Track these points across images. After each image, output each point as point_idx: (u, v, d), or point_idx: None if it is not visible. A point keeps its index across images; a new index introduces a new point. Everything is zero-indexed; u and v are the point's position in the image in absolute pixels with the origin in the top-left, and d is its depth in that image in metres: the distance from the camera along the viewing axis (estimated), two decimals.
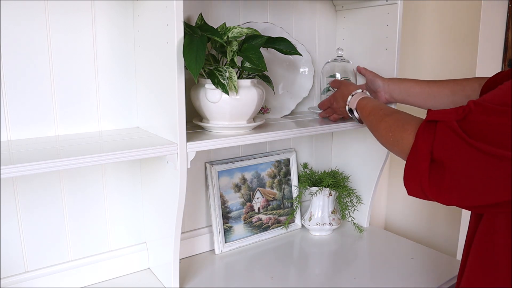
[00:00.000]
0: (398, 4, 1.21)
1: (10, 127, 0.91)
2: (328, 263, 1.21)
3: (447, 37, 1.43)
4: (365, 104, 0.98)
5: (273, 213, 1.36)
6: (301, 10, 1.34)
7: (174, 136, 0.89)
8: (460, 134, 0.62)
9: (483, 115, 0.61)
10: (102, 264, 1.08)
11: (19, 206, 0.95)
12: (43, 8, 0.91)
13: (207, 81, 0.94)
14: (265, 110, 1.23)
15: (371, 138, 1.36)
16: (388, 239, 1.37)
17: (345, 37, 1.41)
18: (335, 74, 1.27)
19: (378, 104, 0.94)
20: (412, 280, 1.10)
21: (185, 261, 1.19)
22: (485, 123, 0.61)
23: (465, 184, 0.62)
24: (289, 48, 1.04)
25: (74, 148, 0.84)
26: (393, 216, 1.72)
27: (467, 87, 1.02)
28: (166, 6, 0.83)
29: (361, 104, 0.99)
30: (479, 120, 0.61)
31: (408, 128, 0.72)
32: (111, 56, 1.01)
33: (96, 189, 1.05)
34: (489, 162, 0.60)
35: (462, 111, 0.64)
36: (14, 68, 0.89)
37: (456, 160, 0.62)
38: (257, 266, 1.17)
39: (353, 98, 1.03)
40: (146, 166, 1.06)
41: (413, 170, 0.69)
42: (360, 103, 1.00)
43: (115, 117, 1.04)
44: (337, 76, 1.27)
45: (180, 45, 0.83)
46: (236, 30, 0.99)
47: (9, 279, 0.96)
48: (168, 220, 0.98)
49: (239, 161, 1.29)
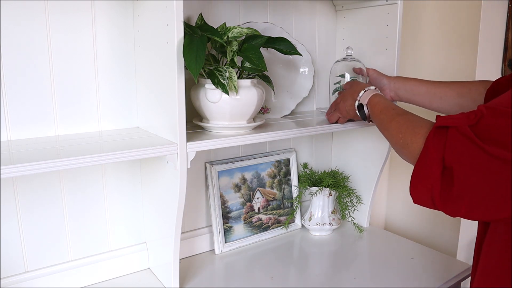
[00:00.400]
0: (398, 4, 1.21)
1: (10, 127, 0.91)
2: (328, 263, 1.21)
3: (447, 37, 1.43)
4: (377, 101, 0.95)
5: (273, 213, 1.36)
6: (301, 10, 1.34)
7: (174, 136, 0.89)
8: (473, 139, 0.60)
9: (494, 118, 0.60)
10: (102, 264, 1.08)
11: (19, 206, 0.95)
12: (43, 8, 0.91)
13: (207, 81, 0.94)
14: (265, 110, 1.23)
15: (371, 138, 1.36)
16: (388, 239, 1.37)
17: (345, 37, 1.41)
18: (344, 74, 1.24)
19: (390, 103, 0.92)
20: (412, 280, 1.10)
21: (185, 261, 1.19)
22: (497, 126, 0.59)
23: (476, 193, 0.60)
24: (289, 48, 1.04)
25: (74, 148, 0.84)
26: (393, 216, 1.71)
27: (473, 90, 1.01)
28: (166, 6, 0.83)
29: (374, 100, 0.97)
30: (491, 124, 0.60)
31: (419, 132, 0.70)
32: (111, 56, 1.01)
33: (96, 189, 1.05)
34: (502, 168, 0.58)
35: (474, 116, 0.62)
36: (14, 68, 0.89)
37: (468, 167, 0.60)
38: (257, 266, 1.17)
39: (365, 93, 1.00)
40: (146, 166, 1.06)
41: (423, 177, 0.67)
42: (373, 100, 0.97)
43: (115, 117, 1.04)
44: (346, 76, 1.24)
45: (180, 45, 0.83)
46: (236, 30, 0.99)
47: (9, 279, 0.96)
48: (168, 220, 0.98)
49: (239, 161, 1.29)
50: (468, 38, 1.38)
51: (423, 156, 0.67)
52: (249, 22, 1.20)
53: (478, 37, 1.35)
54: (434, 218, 1.55)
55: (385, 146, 1.31)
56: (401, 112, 0.84)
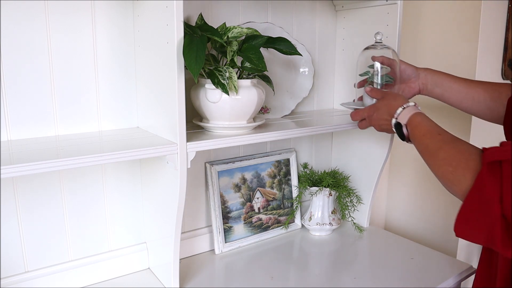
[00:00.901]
0: (398, 4, 1.21)
1: (10, 127, 0.91)
2: (328, 263, 1.21)
3: (447, 37, 1.43)
4: (419, 122, 0.86)
5: (273, 213, 1.36)
6: (301, 10, 1.34)
7: (174, 136, 0.89)
8: None
9: None
10: (102, 264, 1.08)
11: (19, 206, 0.95)
12: (43, 8, 0.91)
13: (207, 81, 0.94)
14: (265, 110, 1.23)
15: (371, 138, 1.36)
16: (388, 239, 1.37)
17: (345, 37, 1.41)
18: (373, 65, 1.09)
19: (434, 125, 0.83)
20: (412, 280, 1.10)
21: (185, 261, 1.19)
22: None
23: None
24: (289, 48, 1.04)
25: (74, 148, 0.84)
26: (393, 216, 1.72)
27: (503, 94, 0.96)
28: (166, 6, 0.83)
29: (415, 120, 0.86)
30: None
31: (472, 166, 0.66)
32: (111, 56, 1.01)
33: (96, 189, 1.05)
34: None
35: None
36: (14, 68, 0.89)
37: None
38: (257, 266, 1.17)
39: (404, 111, 0.90)
40: (146, 166, 1.06)
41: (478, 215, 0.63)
42: (414, 120, 0.87)
43: (115, 117, 1.04)
44: (376, 66, 1.08)
45: (180, 45, 0.83)
46: (236, 30, 0.99)
47: (9, 279, 0.96)
48: (168, 220, 0.98)
49: (239, 161, 1.29)
50: (468, 38, 1.38)
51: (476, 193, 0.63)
52: (249, 22, 1.20)
53: (478, 37, 1.35)
54: (434, 218, 1.55)
55: (385, 146, 1.31)
56: (449, 139, 0.77)
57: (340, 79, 1.45)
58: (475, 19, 1.35)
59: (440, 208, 1.52)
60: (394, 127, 0.92)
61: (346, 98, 1.42)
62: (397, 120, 0.91)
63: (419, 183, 1.59)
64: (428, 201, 1.57)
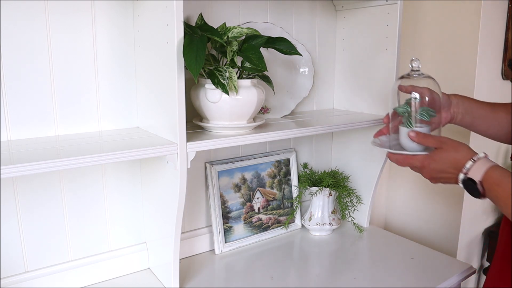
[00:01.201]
0: (398, 4, 1.21)
1: (10, 127, 0.91)
2: (328, 263, 1.21)
3: (447, 37, 1.43)
4: (499, 180, 0.74)
5: (273, 213, 1.36)
6: (301, 10, 1.34)
7: (174, 136, 0.89)
8: None
9: None
10: (102, 264, 1.08)
11: (19, 206, 0.95)
12: (43, 8, 0.91)
13: (207, 81, 0.94)
14: (265, 110, 1.23)
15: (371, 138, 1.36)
16: (388, 239, 1.37)
17: (345, 37, 1.41)
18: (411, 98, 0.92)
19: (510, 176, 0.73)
20: (412, 280, 1.10)
21: (185, 261, 1.19)
22: None
23: None
24: (289, 48, 1.04)
25: (74, 148, 0.84)
26: (393, 216, 1.72)
27: None
28: (166, 6, 0.83)
29: (493, 177, 0.75)
30: None
31: None
32: (111, 56, 1.01)
33: (96, 189, 1.05)
34: None
35: None
36: (14, 68, 0.89)
37: None
38: (257, 266, 1.17)
39: (475, 165, 0.78)
40: (146, 166, 1.06)
41: None
42: (491, 176, 0.75)
43: (115, 117, 1.04)
44: (413, 97, 0.92)
45: (180, 45, 0.83)
46: (236, 30, 0.99)
47: (9, 279, 0.96)
48: (168, 220, 0.98)
49: (239, 161, 1.29)
50: (468, 38, 1.38)
51: None
52: (249, 22, 1.20)
53: (478, 37, 1.35)
54: (434, 218, 1.55)
55: None
56: None
57: (340, 79, 1.45)
58: (475, 19, 1.35)
59: (440, 208, 1.52)
60: (463, 183, 0.80)
61: (346, 98, 1.42)
62: (468, 176, 0.79)
63: (419, 183, 1.59)
64: (428, 201, 1.57)
